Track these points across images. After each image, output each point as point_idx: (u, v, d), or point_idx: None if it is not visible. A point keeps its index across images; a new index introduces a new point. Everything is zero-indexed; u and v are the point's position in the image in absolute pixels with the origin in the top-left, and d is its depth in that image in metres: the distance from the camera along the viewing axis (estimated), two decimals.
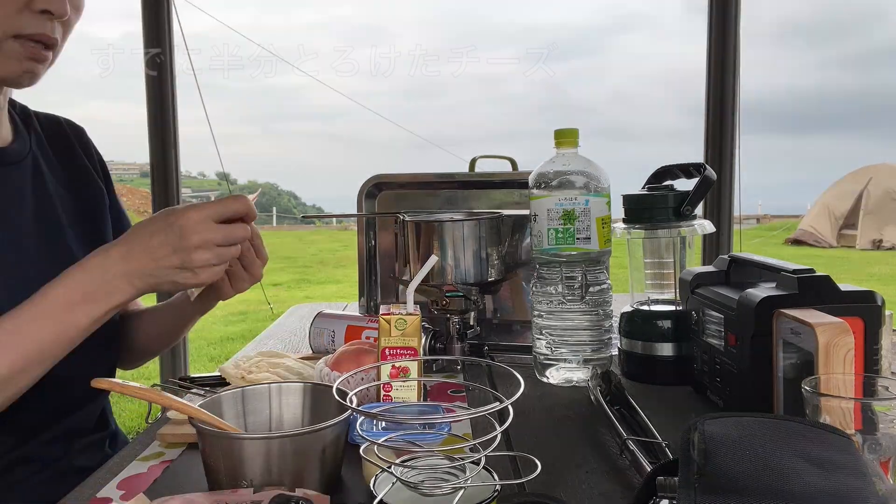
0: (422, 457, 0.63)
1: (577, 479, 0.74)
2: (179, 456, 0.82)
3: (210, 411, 0.73)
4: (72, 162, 1.03)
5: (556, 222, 1.03)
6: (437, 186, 1.45)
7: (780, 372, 0.77)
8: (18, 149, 0.95)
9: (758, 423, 0.55)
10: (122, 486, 0.74)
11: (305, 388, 0.82)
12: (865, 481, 0.48)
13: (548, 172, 1.06)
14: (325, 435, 0.69)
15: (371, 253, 1.47)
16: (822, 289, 0.80)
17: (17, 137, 0.96)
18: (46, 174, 0.97)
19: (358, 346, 0.98)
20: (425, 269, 1.01)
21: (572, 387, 1.05)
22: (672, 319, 1.07)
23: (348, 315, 1.27)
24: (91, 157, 1.07)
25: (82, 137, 1.08)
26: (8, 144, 0.94)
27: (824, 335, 0.67)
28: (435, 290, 1.18)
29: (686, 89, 21.02)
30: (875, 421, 0.58)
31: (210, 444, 0.69)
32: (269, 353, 1.09)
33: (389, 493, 0.59)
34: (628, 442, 0.75)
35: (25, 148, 0.96)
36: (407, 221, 1.22)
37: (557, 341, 1.06)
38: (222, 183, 19.56)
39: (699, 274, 1.01)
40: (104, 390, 1.00)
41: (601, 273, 1.07)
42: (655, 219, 1.07)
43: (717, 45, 2.53)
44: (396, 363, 0.87)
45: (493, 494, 0.58)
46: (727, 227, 2.61)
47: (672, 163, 1.14)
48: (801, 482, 0.47)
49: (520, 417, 0.92)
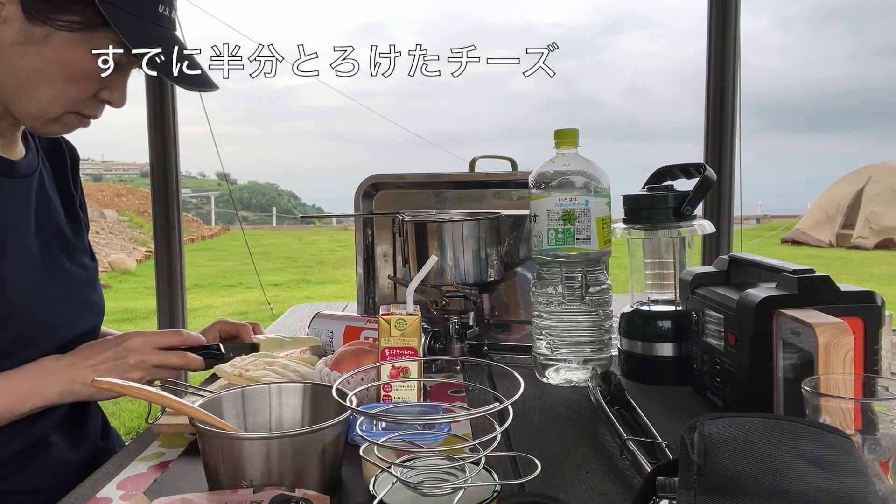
0: (422, 457, 0.63)
1: (577, 479, 0.74)
2: (179, 456, 0.82)
3: (210, 411, 0.73)
4: (64, 180, 1.05)
5: (556, 223, 1.03)
6: (434, 186, 1.45)
7: (780, 372, 0.77)
8: (29, 163, 0.97)
9: (758, 423, 0.55)
10: (122, 486, 0.74)
11: (305, 388, 0.82)
12: (865, 481, 0.48)
13: (548, 173, 1.06)
14: (325, 435, 0.69)
15: (369, 253, 1.47)
16: (822, 289, 0.80)
17: (29, 152, 0.98)
18: (49, 191, 1.00)
19: (358, 347, 0.98)
20: (425, 270, 1.01)
21: (572, 387, 1.05)
22: (672, 320, 1.07)
23: (347, 315, 1.27)
24: (77, 185, 1.08)
25: (75, 157, 1.09)
26: (21, 158, 0.96)
27: (824, 335, 0.66)
28: (434, 291, 1.18)
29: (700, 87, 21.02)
30: (875, 421, 0.58)
31: (210, 444, 0.69)
32: (263, 354, 1.09)
33: (389, 493, 0.59)
34: (628, 442, 0.75)
35: (35, 163, 0.98)
36: (406, 221, 1.22)
37: (557, 341, 1.06)
38: (222, 183, 19.55)
39: (699, 274, 1.02)
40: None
41: (601, 273, 1.07)
42: (655, 219, 1.07)
43: (717, 44, 2.53)
44: (396, 363, 0.87)
45: (493, 494, 0.58)
46: (727, 227, 2.60)
47: (673, 163, 1.14)
48: (800, 482, 0.47)
49: (520, 417, 0.92)
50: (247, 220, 22.63)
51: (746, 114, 2.74)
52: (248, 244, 6.94)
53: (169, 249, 2.76)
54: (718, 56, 2.53)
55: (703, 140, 2.60)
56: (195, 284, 8.11)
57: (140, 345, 0.91)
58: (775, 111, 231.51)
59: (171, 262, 2.76)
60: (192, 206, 20.95)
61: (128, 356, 0.90)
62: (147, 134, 2.70)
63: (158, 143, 2.69)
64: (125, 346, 0.91)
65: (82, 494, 0.73)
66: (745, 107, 2.61)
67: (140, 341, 0.92)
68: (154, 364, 0.92)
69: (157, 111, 2.67)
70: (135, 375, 0.90)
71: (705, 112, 2.58)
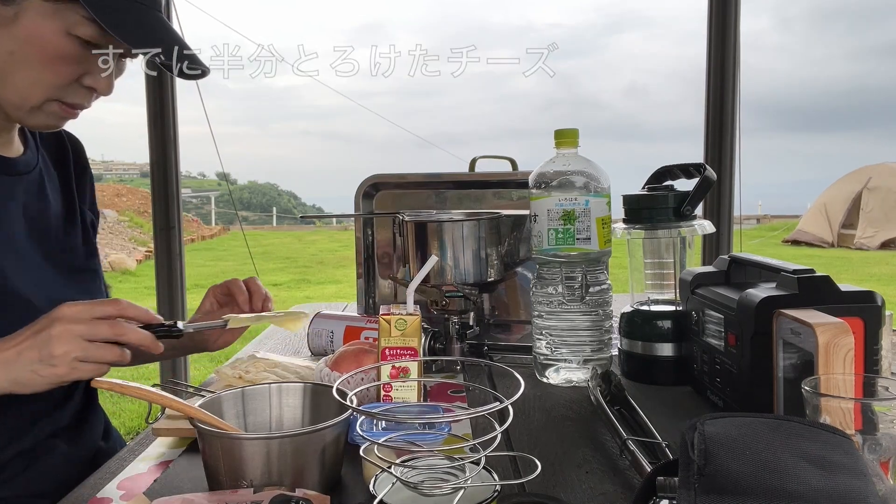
0: (422, 457, 0.63)
1: (577, 479, 0.74)
2: (179, 456, 0.82)
3: (210, 411, 0.73)
4: (67, 180, 1.03)
5: (556, 223, 1.03)
6: (434, 186, 1.45)
7: (780, 372, 0.77)
8: (28, 161, 0.96)
9: (758, 423, 0.55)
10: (122, 486, 0.74)
11: (305, 388, 0.82)
12: (865, 481, 0.48)
13: (548, 173, 1.05)
14: (325, 435, 0.69)
15: (369, 253, 1.47)
16: (822, 289, 0.80)
17: (27, 149, 0.97)
18: (48, 190, 0.98)
19: (358, 347, 0.98)
20: (425, 270, 1.01)
21: (572, 387, 1.05)
22: (672, 319, 1.07)
23: (347, 315, 1.27)
24: (82, 180, 1.06)
25: (81, 155, 1.07)
26: (18, 156, 0.95)
27: (824, 335, 0.66)
28: (434, 291, 1.18)
29: (700, 87, 20.81)
30: (875, 421, 0.58)
31: (210, 444, 0.69)
32: (262, 358, 1.08)
33: (389, 493, 0.59)
34: (628, 442, 0.75)
35: (34, 161, 0.97)
36: (406, 221, 1.22)
37: (557, 341, 1.06)
38: (222, 183, 19.53)
39: (699, 274, 1.02)
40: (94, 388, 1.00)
41: (601, 273, 1.07)
42: (655, 219, 1.07)
43: (717, 44, 2.53)
44: (396, 363, 0.87)
45: (493, 494, 0.58)
46: (727, 228, 2.61)
47: (673, 163, 1.14)
48: (800, 482, 0.47)
49: (520, 417, 0.92)
50: (247, 220, 22.63)
51: (746, 114, 2.74)
52: (248, 244, 6.93)
53: (169, 249, 2.76)
54: (718, 56, 2.53)
55: (703, 140, 2.60)
56: (195, 284, 8.08)
57: (67, 314, 0.76)
58: (775, 111, 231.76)
59: (171, 262, 2.76)
60: (192, 206, 20.94)
61: (51, 326, 0.75)
62: (147, 134, 2.70)
63: (158, 143, 2.69)
64: (51, 317, 0.77)
65: (82, 494, 0.73)
66: (745, 107, 2.61)
67: (69, 310, 0.77)
68: (81, 334, 0.75)
69: (157, 111, 2.67)
70: (60, 348, 0.74)
71: (705, 112, 2.59)
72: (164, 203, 2.73)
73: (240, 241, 10.51)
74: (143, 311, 0.82)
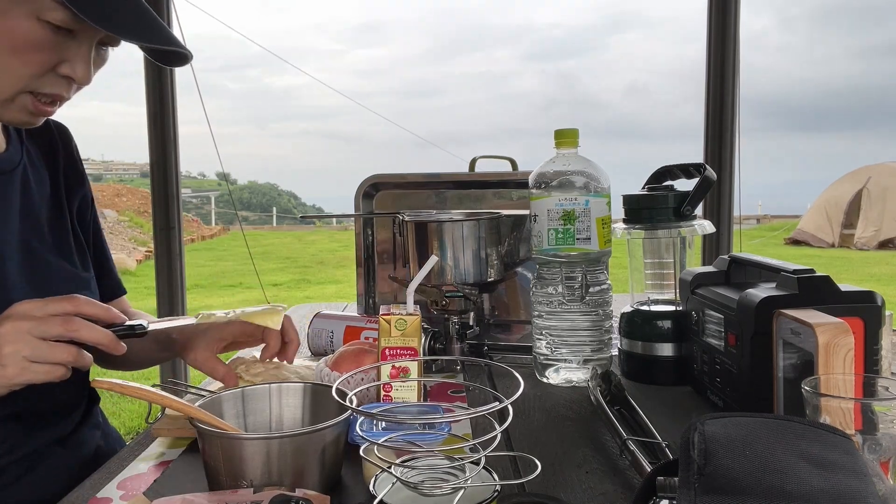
0: (422, 457, 0.63)
1: (577, 479, 0.74)
2: (179, 456, 0.82)
3: (210, 411, 0.73)
4: (55, 170, 1.01)
5: (556, 223, 1.03)
6: (434, 186, 1.45)
7: (780, 372, 0.77)
8: (10, 157, 0.93)
9: (758, 423, 0.55)
10: (122, 486, 0.74)
11: (305, 388, 0.82)
12: (865, 481, 0.48)
13: (548, 172, 1.05)
14: (325, 435, 0.69)
15: (369, 253, 1.47)
16: (822, 289, 0.80)
17: (10, 145, 0.94)
18: (34, 186, 0.96)
19: (358, 347, 0.98)
20: (425, 270, 1.01)
21: (572, 387, 1.05)
22: (672, 319, 1.07)
23: (347, 315, 1.27)
24: (75, 163, 1.04)
25: (69, 143, 1.05)
26: (0, 153, 0.92)
27: (824, 335, 0.66)
28: (434, 291, 1.18)
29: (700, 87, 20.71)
30: (875, 421, 0.58)
31: (210, 444, 0.69)
32: (272, 362, 1.08)
33: (389, 493, 0.59)
34: (628, 442, 0.75)
35: (17, 157, 0.94)
36: (406, 221, 1.22)
37: (557, 341, 1.06)
38: (222, 183, 19.53)
39: (699, 274, 1.01)
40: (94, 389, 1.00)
41: (601, 273, 1.07)
42: (655, 219, 1.07)
43: (717, 44, 2.53)
44: (396, 363, 0.87)
45: (493, 494, 0.58)
46: (727, 228, 2.61)
47: (673, 163, 1.14)
48: (800, 482, 0.47)
49: (520, 417, 0.92)
50: (247, 220, 22.63)
51: (746, 114, 2.74)
52: (248, 244, 6.93)
53: (169, 249, 2.76)
54: (718, 56, 2.53)
55: (703, 140, 2.60)
56: (195, 284, 8.10)
57: (18, 311, 0.72)
58: (775, 111, 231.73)
59: (171, 262, 2.76)
60: (192, 206, 20.95)
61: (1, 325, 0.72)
62: (147, 134, 2.70)
63: (158, 143, 2.69)
64: (3, 315, 0.73)
65: (82, 494, 0.73)
66: (745, 106, 2.61)
67: (20, 308, 0.73)
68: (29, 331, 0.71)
69: (157, 111, 2.67)
70: (6, 349, 0.70)
71: (705, 112, 2.59)
72: (164, 203, 2.73)
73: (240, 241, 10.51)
74: (104, 309, 0.77)
